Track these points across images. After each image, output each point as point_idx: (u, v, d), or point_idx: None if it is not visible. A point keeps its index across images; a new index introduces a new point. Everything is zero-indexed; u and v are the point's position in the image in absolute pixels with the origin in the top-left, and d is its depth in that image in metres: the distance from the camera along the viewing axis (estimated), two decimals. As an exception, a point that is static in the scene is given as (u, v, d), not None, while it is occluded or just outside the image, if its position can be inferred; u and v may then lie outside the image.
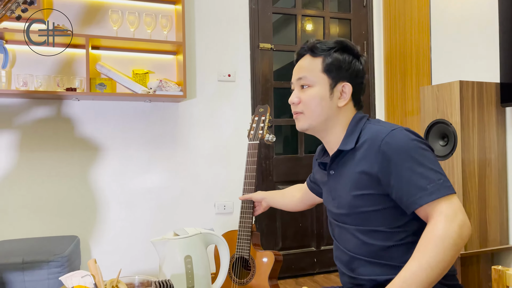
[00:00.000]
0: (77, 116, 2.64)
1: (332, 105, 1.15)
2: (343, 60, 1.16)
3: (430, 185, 0.98)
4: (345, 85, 1.15)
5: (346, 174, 1.14)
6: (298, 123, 1.20)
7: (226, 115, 2.97)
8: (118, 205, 2.73)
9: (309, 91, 1.16)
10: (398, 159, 1.01)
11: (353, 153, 1.12)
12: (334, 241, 1.25)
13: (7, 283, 2.00)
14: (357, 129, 1.14)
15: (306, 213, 3.16)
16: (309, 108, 1.16)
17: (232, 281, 1.91)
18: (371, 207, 1.08)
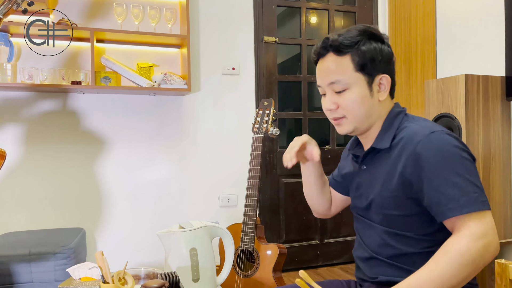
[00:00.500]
0: (82, 109, 2.65)
1: (374, 101, 1.07)
2: (374, 51, 1.06)
3: (464, 198, 0.92)
4: (383, 77, 1.07)
5: (378, 172, 1.08)
6: (340, 128, 1.10)
7: (230, 108, 2.97)
8: (123, 197, 2.74)
9: (347, 95, 1.05)
10: (434, 165, 0.95)
11: (388, 152, 1.06)
12: (357, 236, 1.20)
13: (14, 274, 2.02)
14: (393, 125, 1.07)
15: (309, 207, 3.16)
16: (352, 112, 1.06)
17: (237, 273, 1.93)
18: (401, 211, 1.03)
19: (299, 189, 3.23)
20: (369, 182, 1.11)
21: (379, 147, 1.07)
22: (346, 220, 3.25)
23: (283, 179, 3.11)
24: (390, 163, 1.04)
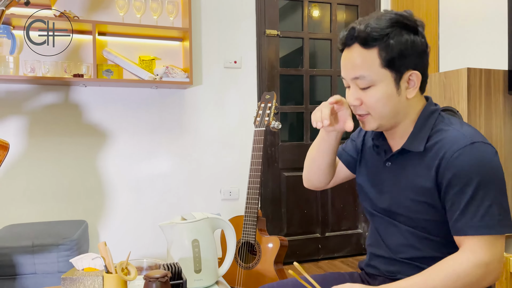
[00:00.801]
0: (84, 102, 2.66)
1: (401, 99, 0.98)
2: (405, 44, 0.95)
3: (485, 219, 0.89)
4: (412, 74, 0.97)
5: (406, 174, 1.02)
6: (365, 125, 1.03)
7: (232, 101, 2.97)
8: (125, 190, 2.76)
9: (372, 92, 0.97)
10: (467, 179, 0.90)
11: (420, 154, 0.99)
12: (375, 233, 1.13)
13: (18, 266, 2.04)
14: (427, 126, 1.00)
15: (311, 200, 3.18)
16: (376, 110, 0.99)
17: (238, 265, 1.94)
18: (430, 216, 0.99)
19: (300, 182, 3.23)
20: (394, 182, 1.04)
21: (412, 149, 1.00)
22: (347, 213, 3.26)
23: (284, 172, 3.12)
24: (422, 166, 0.98)
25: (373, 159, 1.13)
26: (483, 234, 0.89)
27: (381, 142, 1.10)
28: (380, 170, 1.10)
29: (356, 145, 1.22)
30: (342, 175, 1.27)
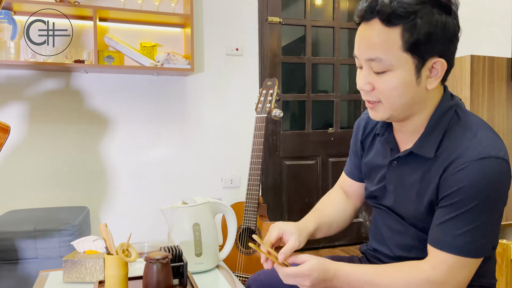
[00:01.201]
0: (86, 88, 2.65)
1: (420, 90, 0.86)
2: (434, 26, 0.81)
3: (461, 238, 0.82)
4: (437, 62, 0.84)
5: (410, 177, 0.94)
6: (374, 113, 0.91)
7: (234, 89, 2.96)
8: (126, 177, 2.76)
9: (387, 78, 0.85)
10: (464, 197, 0.82)
11: (429, 160, 0.90)
12: (379, 230, 1.07)
13: (20, 250, 2.05)
14: (440, 127, 0.89)
15: (312, 189, 3.19)
16: (389, 99, 0.87)
17: (239, 251, 1.94)
18: None
19: (301, 171, 3.25)
20: (400, 183, 0.97)
21: (421, 154, 0.90)
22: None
23: (286, 161, 3.11)
24: (430, 173, 0.89)
25: (379, 151, 1.04)
26: (451, 253, 0.82)
27: (388, 137, 0.99)
28: (386, 167, 1.00)
29: (357, 149, 1.13)
30: (360, 188, 1.18)
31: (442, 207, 0.85)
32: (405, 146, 0.95)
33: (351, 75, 3.41)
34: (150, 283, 1.03)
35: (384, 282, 0.86)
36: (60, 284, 1.21)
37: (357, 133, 1.13)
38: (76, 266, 1.20)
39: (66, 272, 1.20)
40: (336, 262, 0.91)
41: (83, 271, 1.20)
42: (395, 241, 1.00)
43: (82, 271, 1.20)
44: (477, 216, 0.81)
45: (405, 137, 0.95)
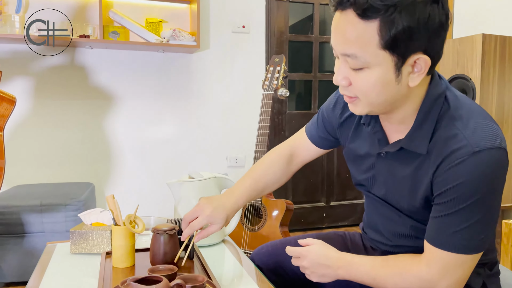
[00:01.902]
0: (91, 64, 2.63)
1: (401, 88, 0.79)
2: (416, 21, 0.72)
3: (458, 235, 0.79)
4: (420, 58, 0.75)
5: (401, 171, 0.89)
6: (353, 107, 0.86)
7: (240, 67, 2.93)
8: (131, 154, 2.76)
9: (364, 75, 0.78)
10: (460, 193, 0.77)
11: (421, 155, 0.85)
12: (372, 218, 1.05)
13: (26, 224, 2.07)
14: (430, 119, 0.82)
15: (317, 169, 3.18)
16: (367, 97, 0.80)
17: (244, 227, 1.95)
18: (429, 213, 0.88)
19: (306, 151, 3.23)
20: (390, 174, 0.92)
21: (412, 150, 0.84)
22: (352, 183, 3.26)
23: (291, 140, 3.10)
24: (419, 167, 0.85)
25: (365, 139, 0.97)
26: (447, 251, 0.79)
27: (375, 126, 0.92)
28: (372, 154, 0.95)
29: (331, 123, 1.06)
30: (313, 154, 1.16)
31: (438, 204, 0.81)
32: (393, 136, 0.90)
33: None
34: (157, 253, 1.03)
35: (381, 275, 0.86)
36: (67, 255, 1.21)
37: (335, 108, 1.05)
38: (83, 238, 1.21)
39: (74, 243, 1.21)
40: (341, 252, 0.91)
41: (90, 242, 1.20)
42: (390, 229, 0.98)
43: (89, 243, 1.20)
44: (474, 213, 0.77)
45: (393, 127, 0.89)
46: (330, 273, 0.89)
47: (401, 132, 0.87)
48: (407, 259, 0.86)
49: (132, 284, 0.80)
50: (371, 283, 0.87)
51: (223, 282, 1.01)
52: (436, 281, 0.81)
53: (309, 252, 0.90)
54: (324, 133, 1.09)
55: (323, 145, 1.13)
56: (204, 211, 1.01)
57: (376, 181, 0.96)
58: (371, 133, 0.93)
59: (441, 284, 0.81)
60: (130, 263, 1.08)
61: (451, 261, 0.80)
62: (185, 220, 1.02)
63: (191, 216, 1.02)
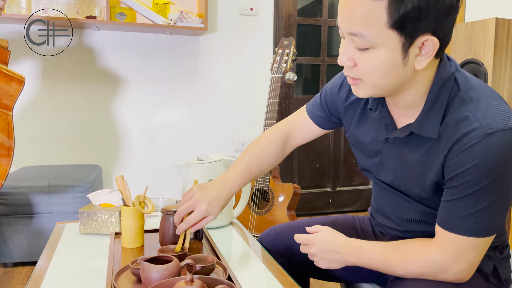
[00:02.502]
0: (98, 46, 2.61)
1: (407, 70, 0.77)
2: (426, 1, 0.70)
3: (472, 218, 0.77)
4: (428, 40, 0.74)
5: (410, 156, 0.87)
6: (356, 89, 0.84)
7: (247, 50, 2.90)
8: (138, 137, 2.76)
9: (370, 56, 0.76)
10: (472, 177, 0.76)
11: (431, 139, 0.82)
12: (380, 204, 1.04)
13: (35, 205, 2.08)
14: (440, 102, 0.80)
15: (323, 154, 3.17)
16: (371, 79, 0.79)
17: (251, 211, 1.95)
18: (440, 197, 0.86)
19: (313, 136, 3.22)
20: (398, 160, 0.90)
21: (423, 134, 0.82)
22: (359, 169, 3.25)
23: (298, 125, 3.08)
24: (429, 152, 0.83)
25: (371, 125, 0.95)
26: (459, 234, 0.78)
27: (382, 111, 0.90)
28: (379, 140, 0.93)
29: (335, 105, 1.04)
30: (314, 134, 1.13)
31: (449, 187, 0.80)
32: (401, 121, 0.88)
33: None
34: (166, 234, 1.03)
35: (392, 261, 0.85)
36: (76, 235, 1.22)
37: (340, 90, 1.02)
38: (92, 218, 1.21)
39: (82, 223, 1.21)
40: (350, 238, 0.90)
41: (99, 223, 1.21)
42: (399, 215, 0.97)
43: (98, 223, 1.21)
44: (487, 196, 0.76)
45: (401, 112, 0.87)
46: (339, 259, 0.89)
47: (410, 116, 0.86)
48: (418, 244, 0.85)
49: (143, 264, 0.80)
50: (382, 268, 0.87)
51: (231, 263, 1.01)
52: (448, 265, 0.80)
53: (317, 239, 0.90)
54: (327, 113, 1.07)
55: (325, 125, 1.10)
56: (200, 206, 0.97)
57: (383, 167, 0.95)
58: (378, 118, 0.91)
59: (453, 268, 0.80)
60: (139, 243, 1.09)
61: (464, 245, 0.79)
62: (180, 214, 0.98)
63: (185, 210, 0.98)
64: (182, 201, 1.00)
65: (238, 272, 0.95)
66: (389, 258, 0.85)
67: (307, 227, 0.95)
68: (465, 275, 0.81)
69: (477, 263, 0.81)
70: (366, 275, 1.09)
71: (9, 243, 2.10)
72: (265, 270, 0.99)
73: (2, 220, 2.07)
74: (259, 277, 0.97)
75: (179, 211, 0.98)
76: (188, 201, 0.98)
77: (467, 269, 0.80)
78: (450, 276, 0.81)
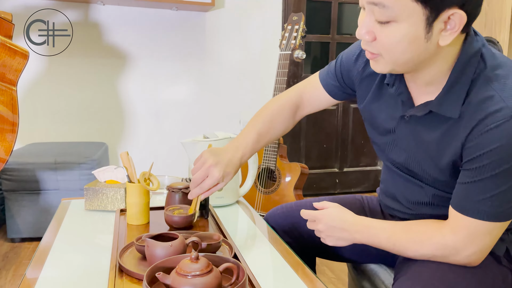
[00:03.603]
0: (103, 22, 2.57)
1: (429, 46, 0.72)
2: None
3: (488, 202, 0.74)
4: (454, 14, 0.69)
5: (426, 135, 0.83)
6: (374, 64, 0.80)
7: (256, 27, 2.84)
8: (145, 114, 2.74)
9: (391, 30, 0.71)
10: (493, 160, 0.72)
11: (451, 118, 0.78)
12: (389, 187, 1.01)
13: (41, 181, 2.08)
14: (463, 81, 0.76)
15: (331, 135, 3.13)
16: (390, 54, 0.75)
17: (258, 190, 1.94)
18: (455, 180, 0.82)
19: (321, 117, 3.19)
20: (412, 140, 0.86)
21: (443, 113, 0.78)
22: (367, 150, 3.22)
23: (306, 105, 3.04)
24: (448, 131, 0.79)
25: (387, 100, 0.90)
26: (474, 218, 0.76)
27: (399, 87, 0.85)
28: (394, 117, 0.89)
29: (351, 75, 0.99)
30: (326, 103, 1.08)
31: (467, 169, 0.76)
32: (420, 98, 0.84)
33: (379, 17, 3.23)
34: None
35: (402, 241, 0.83)
36: (82, 211, 1.21)
37: (357, 61, 0.97)
38: (98, 195, 1.20)
39: (88, 200, 1.20)
40: (359, 216, 0.88)
41: (104, 199, 1.20)
42: (409, 198, 0.94)
43: (103, 200, 1.20)
44: (506, 180, 0.73)
45: (420, 89, 0.83)
46: (347, 236, 0.87)
47: (429, 94, 0.81)
48: (430, 226, 0.82)
49: (147, 241, 0.79)
50: (391, 248, 0.85)
51: (237, 241, 0.99)
52: (461, 248, 0.78)
53: (325, 216, 0.88)
54: (341, 83, 1.02)
55: (338, 95, 1.05)
56: (214, 173, 0.93)
57: (396, 146, 0.91)
58: (395, 95, 0.86)
59: (466, 252, 0.78)
60: (145, 220, 1.08)
61: (478, 229, 0.76)
62: (196, 182, 0.94)
63: (201, 178, 0.93)
64: (195, 168, 0.95)
65: (244, 250, 0.94)
66: (399, 238, 0.83)
67: (315, 202, 0.93)
68: (477, 258, 0.79)
69: (490, 247, 0.79)
70: (373, 255, 1.08)
71: (17, 219, 2.11)
72: (271, 249, 0.98)
73: (9, 196, 2.08)
74: (265, 256, 0.95)
75: (194, 179, 0.94)
76: (202, 168, 0.94)
77: (479, 252, 0.78)
78: (461, 259, 0.79)
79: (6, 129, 1.43)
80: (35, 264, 0.88)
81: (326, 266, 1.97)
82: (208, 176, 0.93)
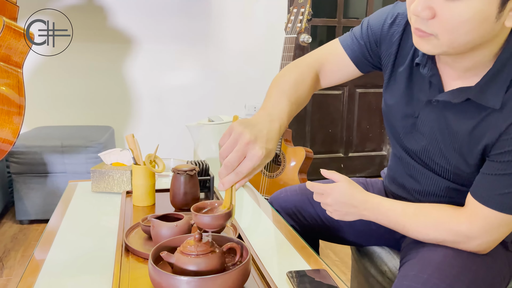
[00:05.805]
0: (107, 6, 2.55)
1: (496, 27, 0.65)
2: None
3: (510, 195, 0.72)
4: None
5: (457, 124, 0.77)
6: (421, 44, 0.70)
7: (260, 10, 2.81)
8: (150, 98, 2.74)
9: (459, 8, 0.63)
10: None
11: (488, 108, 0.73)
12: (399, 176, 0.97)
13: (49, 164, 2.11)
14: (508, 69, 0.70)
15: (336, 120, 3.12)
16: (451, 35, 0.66)
17: (262, 174, 1.95)
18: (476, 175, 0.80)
19: (327, 101, 3.18)
20: (437, 126, 0.81)
21: (483, 103, 0.72)
22: (372, 135, 3.21)
23: (311, 89, 3.03)
24: (483, 121, 0.74)
25: (414, 81, 0.84)
26: (494, 209, 0.74)
27: (431, 68, 0.78)
28: (420, 100, 0.83)
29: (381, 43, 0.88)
30: (346, 76, 0.96)
31: (498, 162, 0.73)
32: (451, 84, 0.78)
33: (387, 0, 3.19)
34: (177, 193, 1.02)
35: (413, 224, 0.81)
36: (88, 193, 1.23)
37: (391, 27, 0.86)
38: (104, 177, 1.21)
39: (94, 182, 1.22)
40: (369, 193, 0.86)
41: (110, 182, 1.21)
42: (417, 188, 0.92)
43: (110, 182, 1.21)
44: None
45: (454, 73, 0.77)
46: (355, 212, 0.85)
47: (465, 79, 0.75)
48: (446, 211, 0.80)
49: (153, 221, 0.80)
50: (399, 229, 0.84)
51: (242, 223, 1.00)
52: (474, 237, 0.77)
53: (334, 190, 0.85)
54: (369, 51, 0.90)
55: (365, 66, 0.92)
56: (255, 151, 0.67)
57: (416, 131, 0.85)
58: (426, 76, 0.79)
59: (478, 241, 0.77)
60: (151, 202, 1.09)
61: (496, 220, 0.75)
62: (230, 166, 0.68)
63: (237, 159, 0.67)
64: (225, 148, 0.69)
65: (248, 232, 0.95)
66: (409, 220, 0.82)
67: (322, 169, 0.87)
68: (487, 247, 0.79)
69: (502, 239, 0.79)
70: (377, 238, 1.08)
71: (25, 201, 2.14)
72: (275, 231, 0.99)
73: (17, 178, 2.11)
74: (269, 237, 0.96)
75: (228, 162, 0.68)
76: (237, 147, 0.68)
77: (491, 242, 0.78)
78: (471, 246, 0.78)
79: (13, 111, 1.44)
80: (43, 245, 0.89)
81: (330, 250, 1.99)
82: (246, 156, 0.68)
